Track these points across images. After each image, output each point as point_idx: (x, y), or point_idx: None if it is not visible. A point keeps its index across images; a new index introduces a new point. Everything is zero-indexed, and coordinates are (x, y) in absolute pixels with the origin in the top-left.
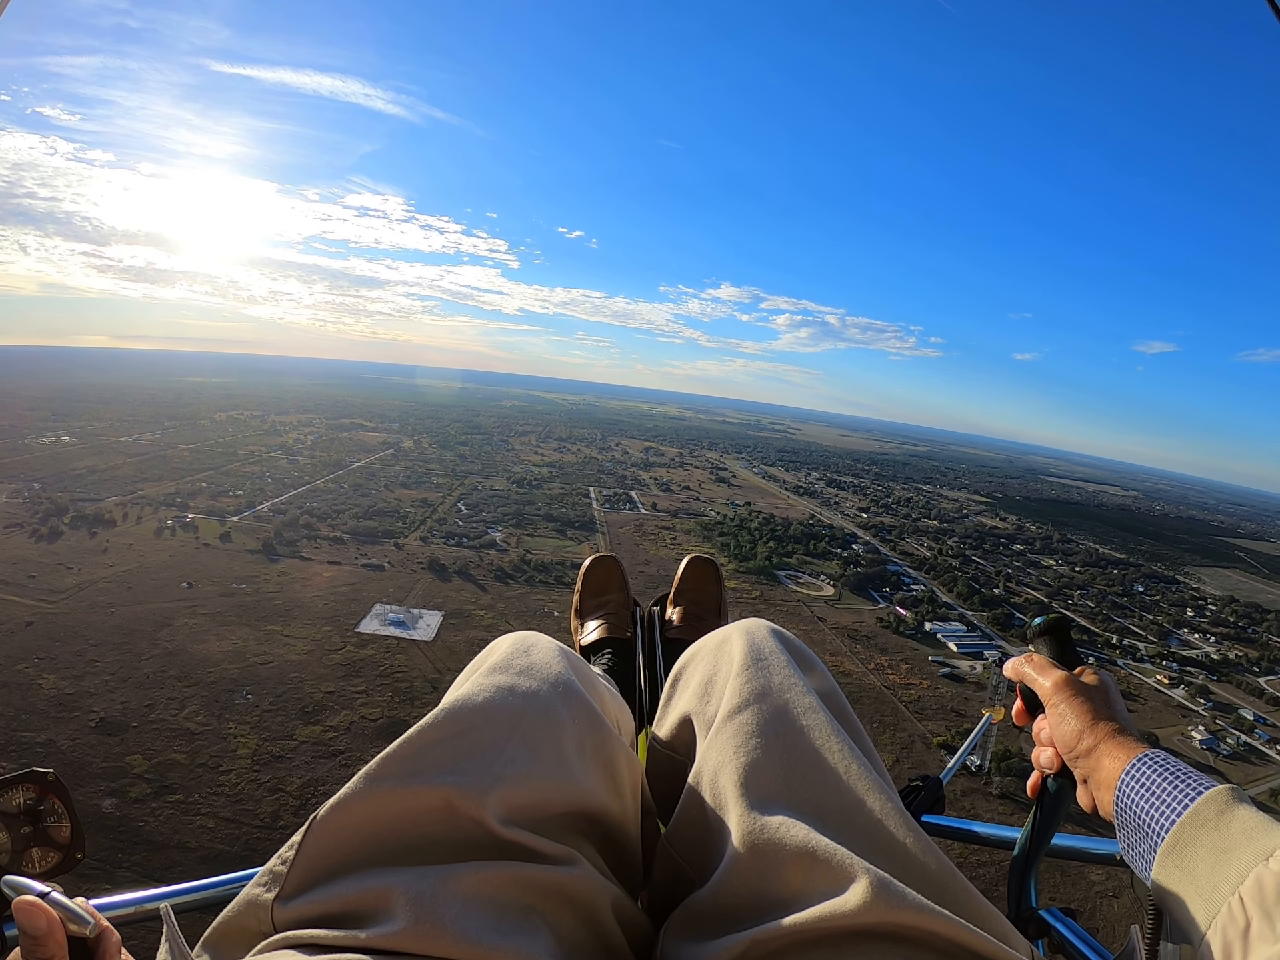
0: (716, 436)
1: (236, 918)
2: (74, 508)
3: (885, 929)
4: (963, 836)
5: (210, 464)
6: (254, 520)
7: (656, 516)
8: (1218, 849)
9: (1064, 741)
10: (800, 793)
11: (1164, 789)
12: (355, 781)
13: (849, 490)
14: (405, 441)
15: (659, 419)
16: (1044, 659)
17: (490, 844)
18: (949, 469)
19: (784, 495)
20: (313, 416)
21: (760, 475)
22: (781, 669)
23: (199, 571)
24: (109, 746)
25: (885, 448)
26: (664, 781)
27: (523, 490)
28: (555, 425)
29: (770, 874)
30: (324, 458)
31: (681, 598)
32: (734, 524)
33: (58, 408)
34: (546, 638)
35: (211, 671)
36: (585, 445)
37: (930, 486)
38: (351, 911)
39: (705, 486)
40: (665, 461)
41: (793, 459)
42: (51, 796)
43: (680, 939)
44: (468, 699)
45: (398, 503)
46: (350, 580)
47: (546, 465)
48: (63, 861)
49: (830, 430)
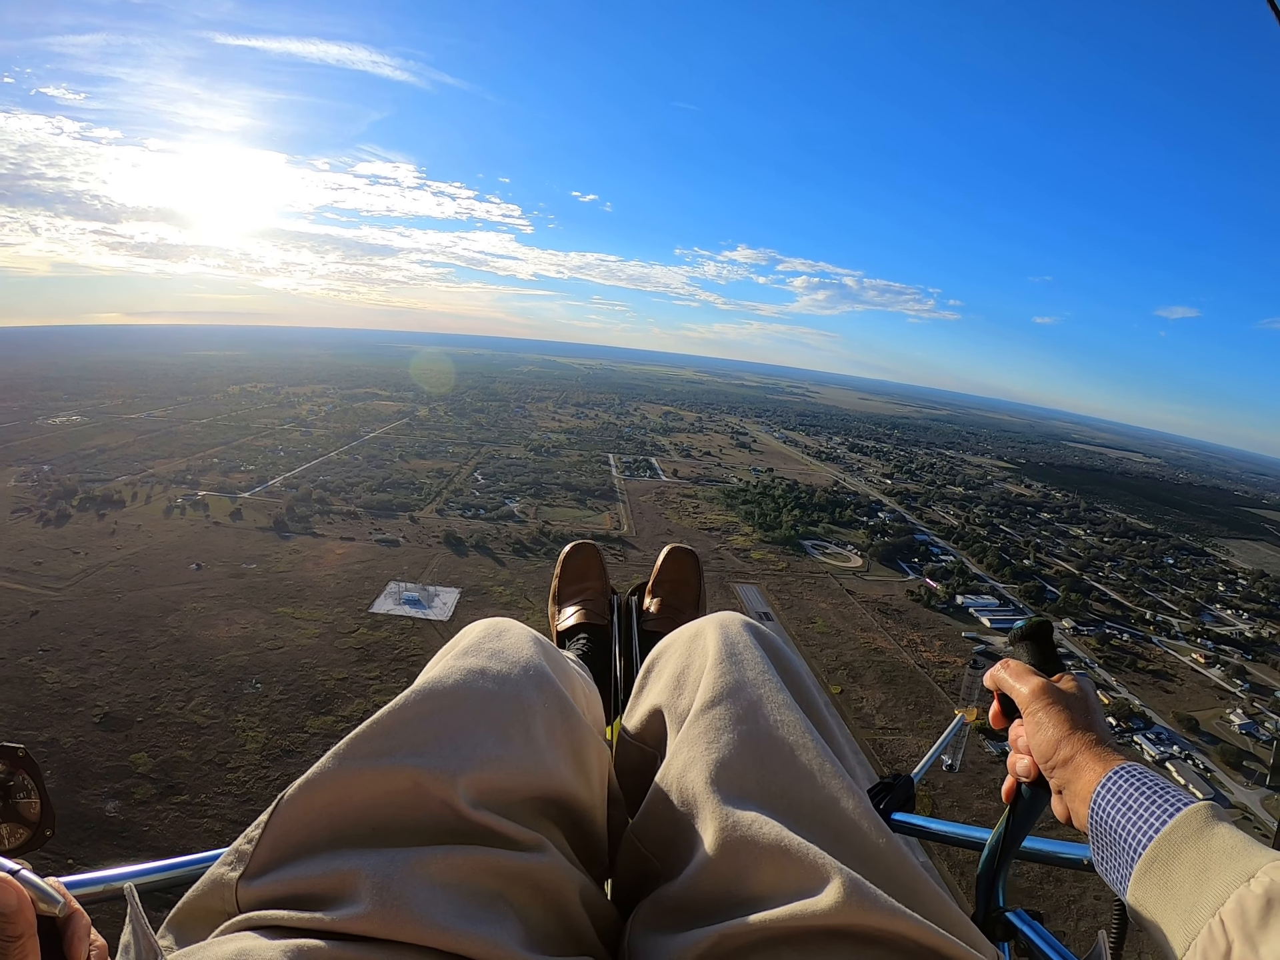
0: (735, 400)
1: (201, 897)
2: (83, 489)
3: (855, 930)
4: (933, 836)
5: (222, 438)
6: (266, 496)
7: (678, 484)
8: (1197, 868)
9: (1040, 750)
10: (772, 790)
11: (1141, 804)
12: (324, 761)
13: (871, 455)
14: (420, 410)
15: (677, 383)
16: (1022, 665)
17: (459, 826)
18: (970, 434)
19: (806, 461)
20: (327, 387)
21: (781, 440)
22: (755, 664)
23: (208, 552)
24: (113, 744)
25: (905, 411)
26: (633, 772)
27: (540, 458)
28: (572, 391)
29: (742, 870)
30: (338, 429)
31: (660, 588)
32: (757, 491)
33: (69, 387)
34: (519, 623)
35: (219, 659)
36: (603, 410)
37: (953, 452)
38: (317, 893)
39: (726, 452)
40: (685, 426)
41: (813, 423)
42: (21, 772)
43: (648, 930)
44: (438, 681)
45: (413, 474)
46: (364, 557)
47: (564, 432)
48: (32, 838)
49: (849, 393)
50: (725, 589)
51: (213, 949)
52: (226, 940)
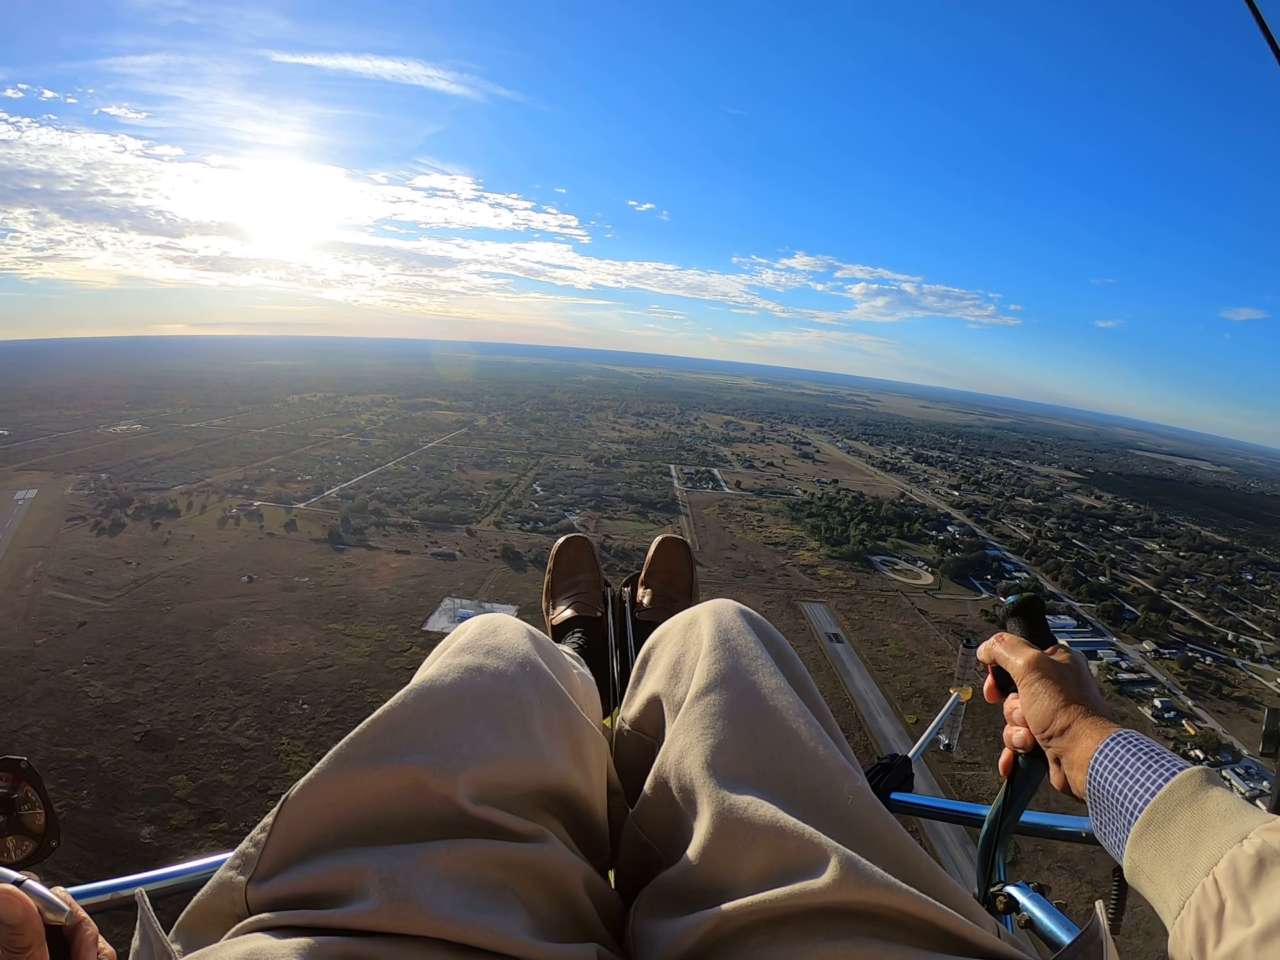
0: (796, 409)
1: (210, 900)
2: (139, 498)
3: (853, 906)
4: (932, 814)
5: (280, 448)
6: (321, 507)
7: (741, 496)
8: (1192, 829)
9: (1037, 720)
10: (768, 773)
11: (1138, 768)
12: (325, 762)
13: (937, 466)
14: (479, 419)
15: (736, 392)
16: (1015, 638)
17: (461, 822)
18: (1036, 442)
19: (871, 471)
20: (386, 396)
21: (845, 450)
22: (749, 650)
23: (261, 564)
24: (153, 764)
25: (968, 419)
26: (633, 762)
27: (601, 469)
28: (632, 400)
29: (739, 852)
30: (396, 438)
31: (653, 579)
32: (823, 504)
33: (132, 396)
34: (514, 619)
35: (266, 677)
36: (664, 420)
37: (1019, 461)
38: (325, 892)
39: (789, 463)
40: (746, 436)
41: (876, 432)
42: (25, 785)
43: (650, 915)
44: (435, 679)
45: (471, 485)
46: (419, 571)
47: (625, 442)
48: (37, 850)
49: (910, 401)
50: (793, 608)
51: (225, 951)
52: (238, 942)
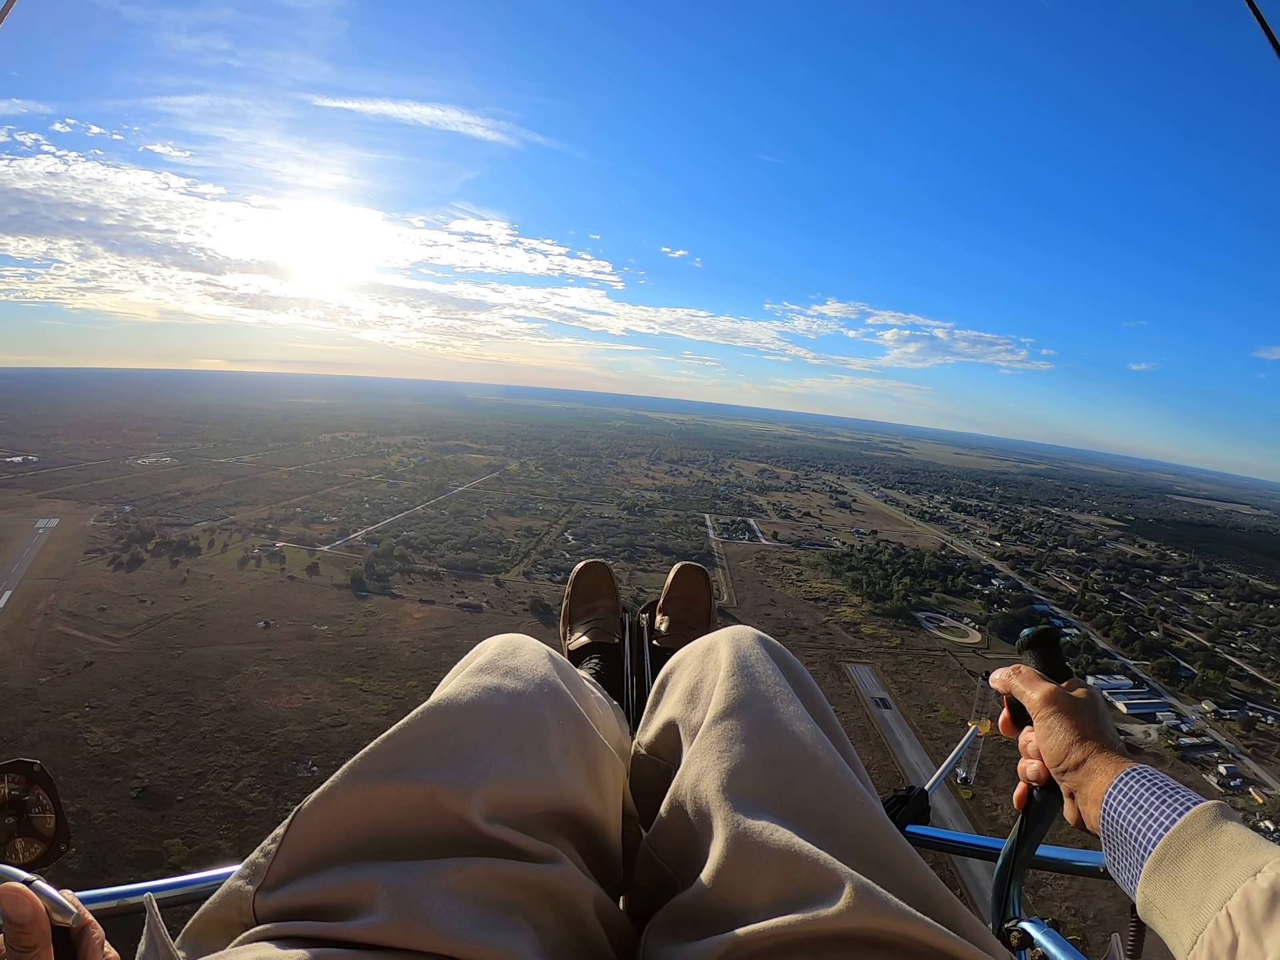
0: (831, 457)
1: (218, 909)
2: (160, 533)
3: (867, 934)
4: (947, 847)
5: (308, 487)
6: (345, 550)
7: (779, 548)
8: (1205, 864)
9: (1052, 755)
10: (784, 798)
11: (1152, 803)
12: (339, 775)
13: (976, 515)
14: (511, 464)
15: (770, 439)
16: (1032, 671)
17: (474, 840)
18: (1073, 489)
19: (910, 521)
20: (418, 438)
21: (881, 499)
22: (767, 677)
23: (279, 609)
24: (147, 824)
25: (1003, 466)
26: (649, 786)
27: (634, 518)
28: (665, 446)
29: (753, 877)
30: (426, 481)
31: (671, 606)
32: (863, 556)
33: (165, 428)
34: (534, 640)
35: (275, 734)
36: (697, 467)
37: (1058, 509)
38: (333, 904)
39: (826, 512)
40: (781, 485)
41: (912, 480)
42: (37, 788)
43: (663, 940)
44: (453, 698)
45: (500, 532)
46: (443, 623)
47: (658, 490)
48: (47, 853)
49: (944, 448)
50: (836, 669)
51: (229, 958)
52: (243, 950)
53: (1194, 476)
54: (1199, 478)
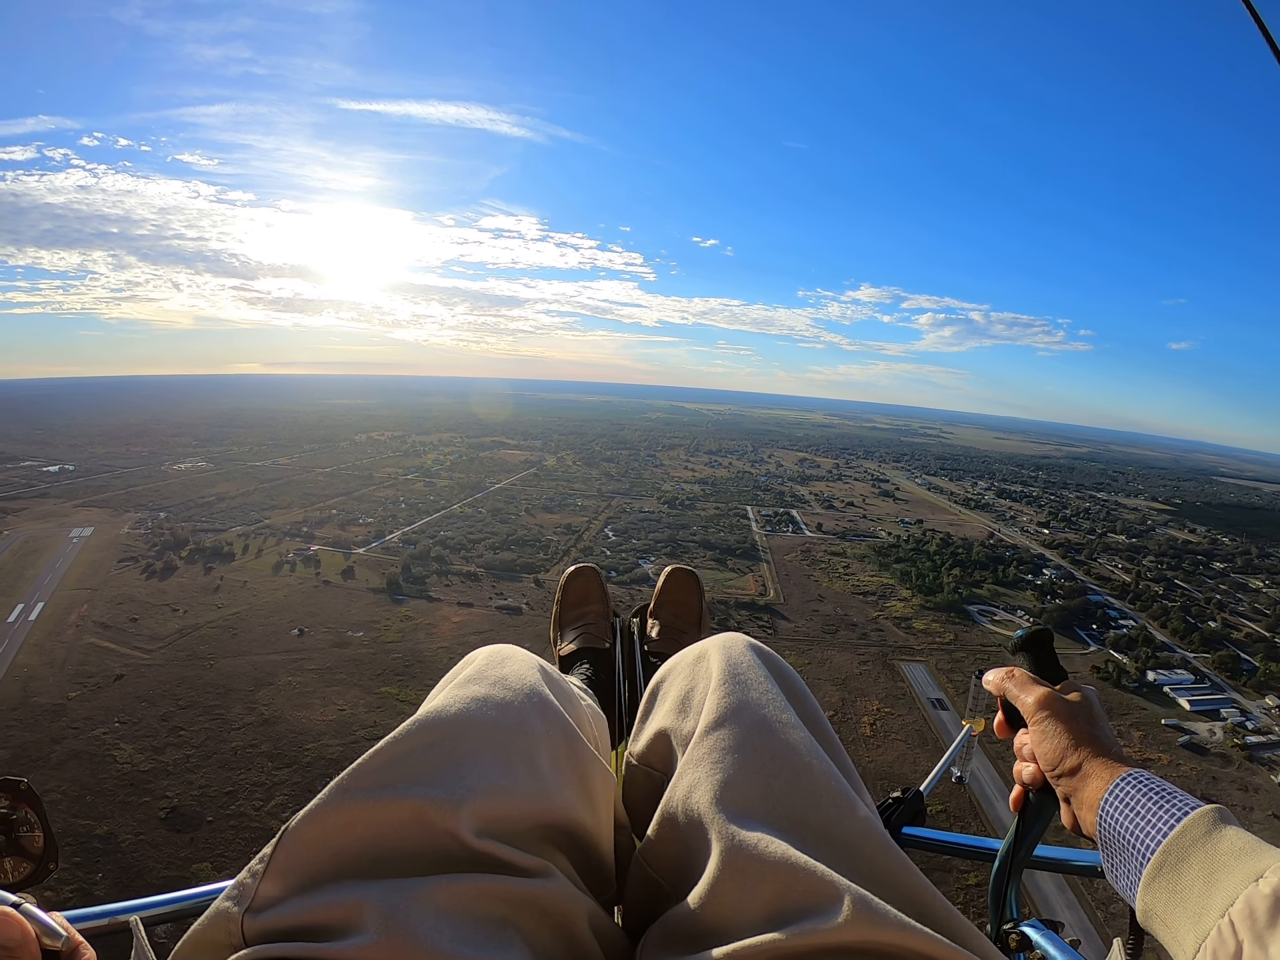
0: (871, 444)
1: (205, 930)
2: (194, 539)
3: (867, 947)
4: (943, 849)
5: (343, 488)
6: (381, 552)
7: (823, 540)
8: (1206, 870)
9: (1047, 759)
10: (778, 809)
11: (1149, 808)
12: (327, 793)
13: (1021, 501)
14: (549, 459)
15: (808, 427)
16: (1025, 674)
17: (463, 856)
18: (1118, 473)
19: (955, 510)
20: (454, 435)
21: (925, 487)
22: (759, 685)
23: (314, 615)
24: (175, 847)
25: (1044, 450)
26: (641, 797)
27: (675, 511)
28: (703, 437)
29: (749, 890)
30: (462, 479)
31: (661, 611)
32: (910, 547)
33: (201, 433)
34: (522, 650)
35: (309, 749)
36: (736, 458)
37: (1104, 494)
38: (322, 924)
39: (870, 502)
40: (822, 474)
41: (954, 467)
42: (24, 806)
43: (657, 954)
44: (441, 710)
45: (539, 530)
46: (481, 627)
47: (698, 482)
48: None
49: (984, 433)
50: (889, 668)
51: None
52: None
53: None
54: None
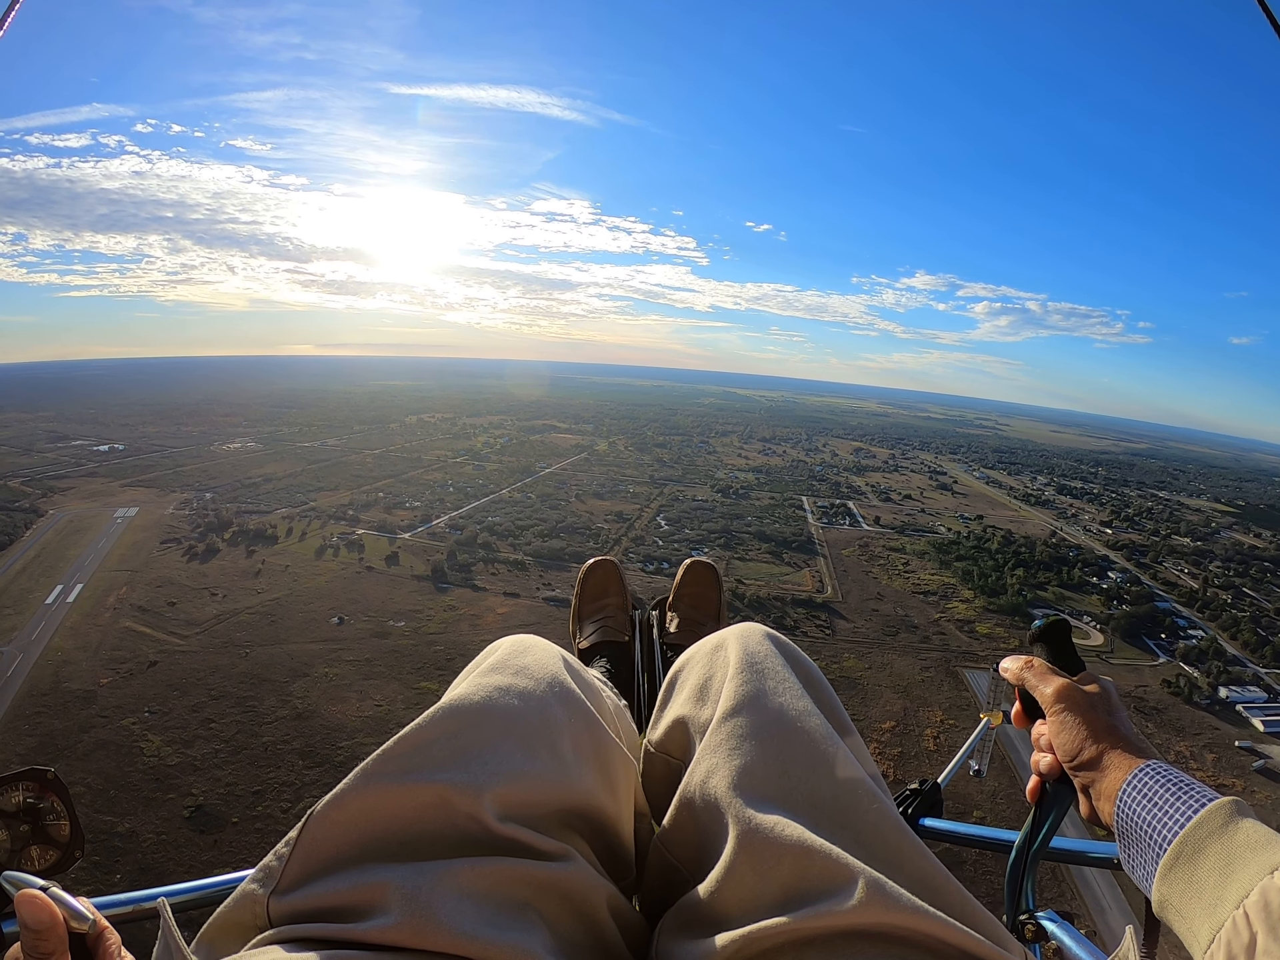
0: (926, 435)
1: (231, 913)
2: (238, 521)
3: (880, 929)
4: (960, 839)
5: (391, 470)
6: (427, 537)
7: (881, 534)
8: (1222, 862)
9: (1065, 750)
10: (795, 794)
11: (1167, 799)
12: (352, 778)
13: (1082, 498)
14: (600, 444)
15: (861, 415)
16: (1044, 664)
17: (486, 840)
18: (1178, 470)
19: (1015, 506)
20: (504, 419)
21: (983, 480)
22: (776, 673)
23: (355, 603)
24: (198, 849)
25: (1103, 445)
26: (659, 784)
27: (729, 501)
28: (756, 424)
29: (765, 873)
30: (512, 463)
31: (680, 603)
32: (971, 545)
33: (251, 414)
34: (544, 640)
35: (342, 747)
36: (791, 446)
37: (1165, 493)
38: (346, 906)
39: (927, 495)
40: (879, 465)
41: (1012, 460)
42: (51, 795)
43: (675, 937)
44: (465, 698)
45: (589, 517)
46: (527, 619)
47: (752, 470)
48: (61, 860)
49: (1040, 425)
50: (953, 675)
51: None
52: (257, 953)
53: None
54: None
